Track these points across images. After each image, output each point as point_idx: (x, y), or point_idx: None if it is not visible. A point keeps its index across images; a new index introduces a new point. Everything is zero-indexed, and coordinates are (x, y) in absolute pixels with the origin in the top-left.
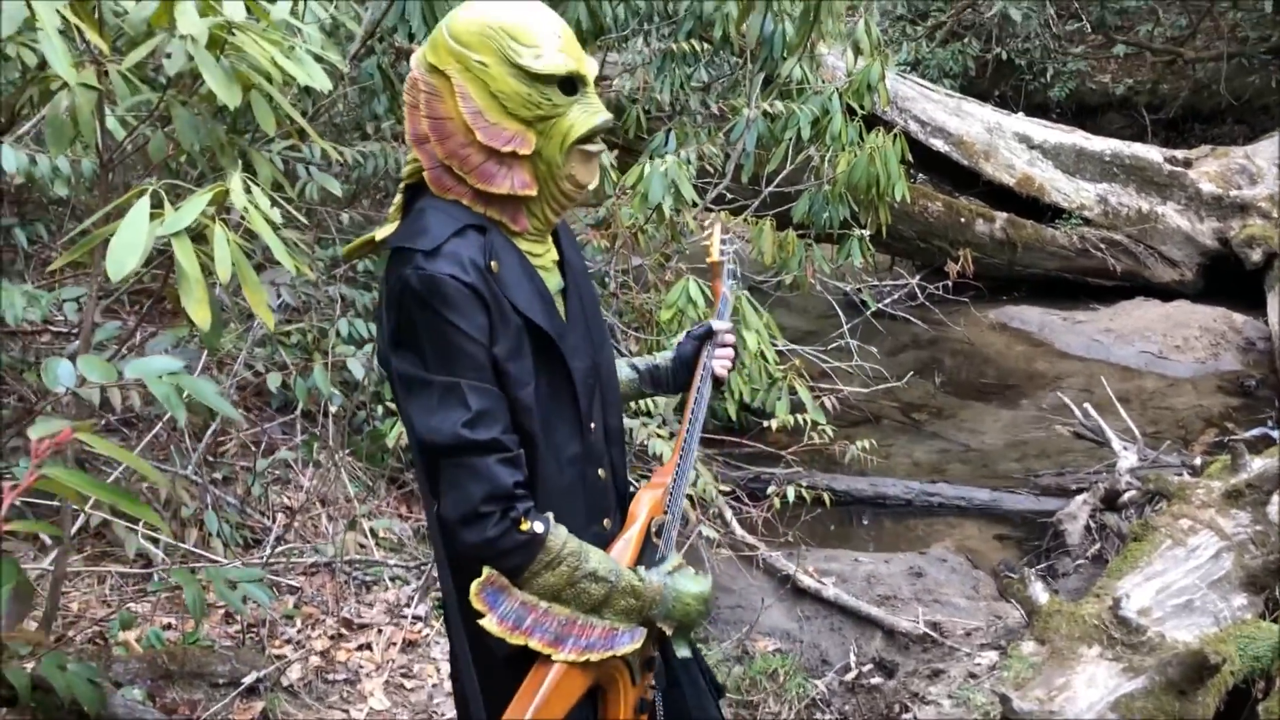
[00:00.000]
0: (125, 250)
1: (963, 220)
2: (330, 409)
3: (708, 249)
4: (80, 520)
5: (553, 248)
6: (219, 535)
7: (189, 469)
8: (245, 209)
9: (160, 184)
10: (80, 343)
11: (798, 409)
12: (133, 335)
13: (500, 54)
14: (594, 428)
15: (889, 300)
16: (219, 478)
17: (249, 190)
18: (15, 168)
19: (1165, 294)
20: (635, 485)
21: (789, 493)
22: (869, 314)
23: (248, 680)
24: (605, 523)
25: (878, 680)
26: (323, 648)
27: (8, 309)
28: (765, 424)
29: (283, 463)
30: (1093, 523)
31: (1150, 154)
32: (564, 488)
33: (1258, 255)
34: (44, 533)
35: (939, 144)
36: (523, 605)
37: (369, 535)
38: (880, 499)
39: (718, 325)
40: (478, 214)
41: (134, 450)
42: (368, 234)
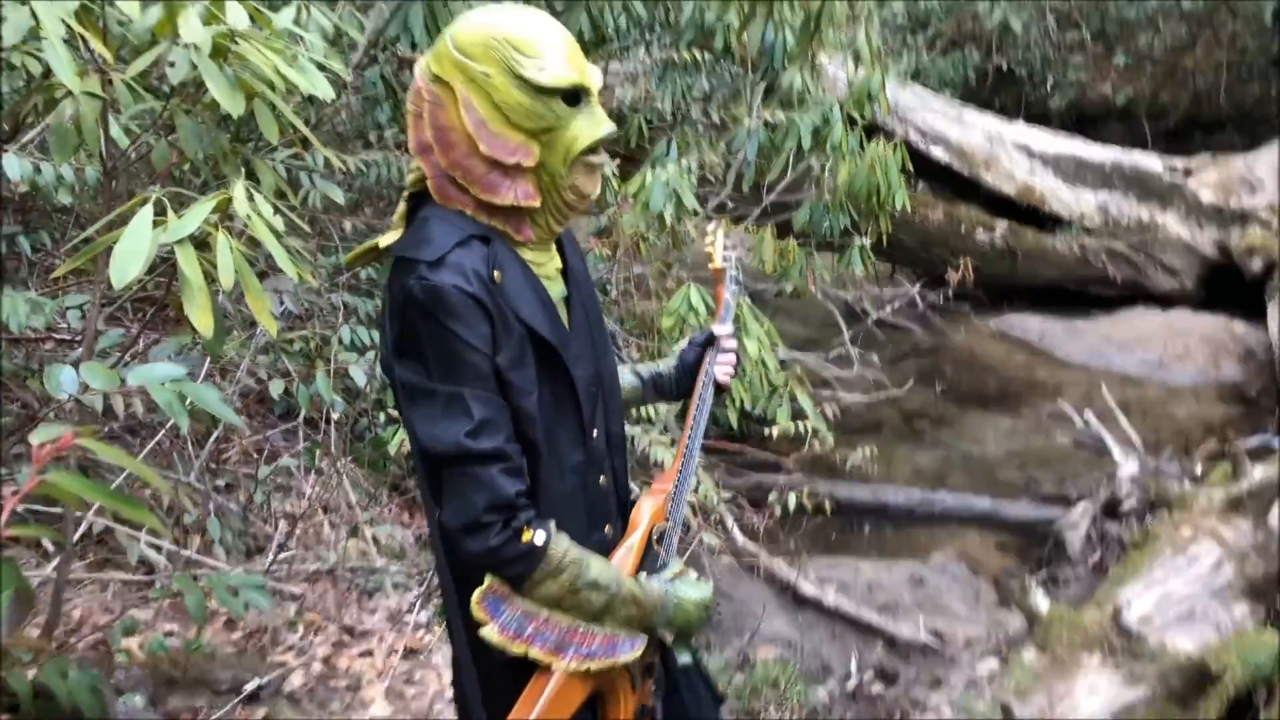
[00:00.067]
0: (128, 258)
1: (963, 229)
2: (333, 416)
3: (710, 255)
4: (83, 527)
5: (556, 256)
6: (221, 542)
7: (191, 476)
8: (248, 217)
9: (164, 192)
10: (83, 350)
11: (799, 416)
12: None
13: (504, 65)
14: (596, 435)
15: (889, 308)
16: (221, 485)
17: (252, 198)
18: (20, 175)
19: (1165, 303)
20: (637, 492)
21: (790, 500)
22: (870, 322)
23: (250, 687)
24: (606, 529)
25: (879, 688)
26: (325, 655)
27: (11, 316)
28: (767, 431)
29: (285, 470)
30: (1094, 531)
31: (1150, 163)
32: (566, 495)
33: (1258, 264)
34: (46, 538)
35: (939, 153)
36: (524, 614)
37: (371, 542)
38: (881, 507)
39: (720, 331)
40: (481, 223)
41: (137, 457)
42: (371, 241)
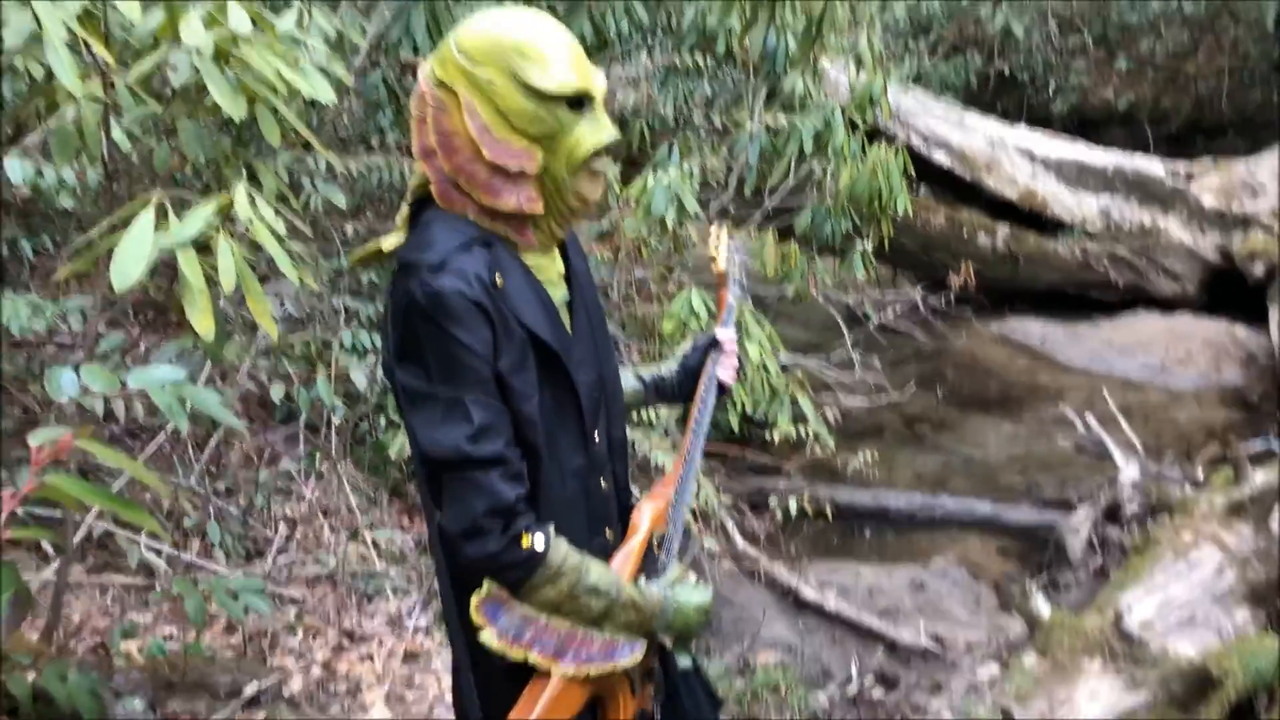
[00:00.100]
0: (130, 261)
1: (965, 233)
2: (333, 420)
3: (713, 258)
4: (83, 531)
5: (559, 259)
6: (221, 546)
7: (192, 479)
8: (250, 220)
9: (165, 195)
10: (84, 353)
11: (800, 421)
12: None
13: (508, 71)
14: (598, 439)
15: (891, 312)
16: (222, 488)
17: (253, 202)
18: (22, 179)
19: (1167, 307)
20: (637, 496)
21: (791, 505)
22: (871, 326)
23: (249, 691)
24: (607, 533)
25: (879, 693)
26: (324, 659)
27: (12, 319)
28: (767, 435)
29: (285, 473)
30: (1095, 536)
31: (1152, 168)
32: (567, 499)
33: (1260, 269)
34: (45, 539)
35: (941, 157)
36: (523, 619)
37: (371, 546)
38: (882, 511)
39: (722, 335)
40: (484, 228)
41: (137, 460)
42: (374, 243)
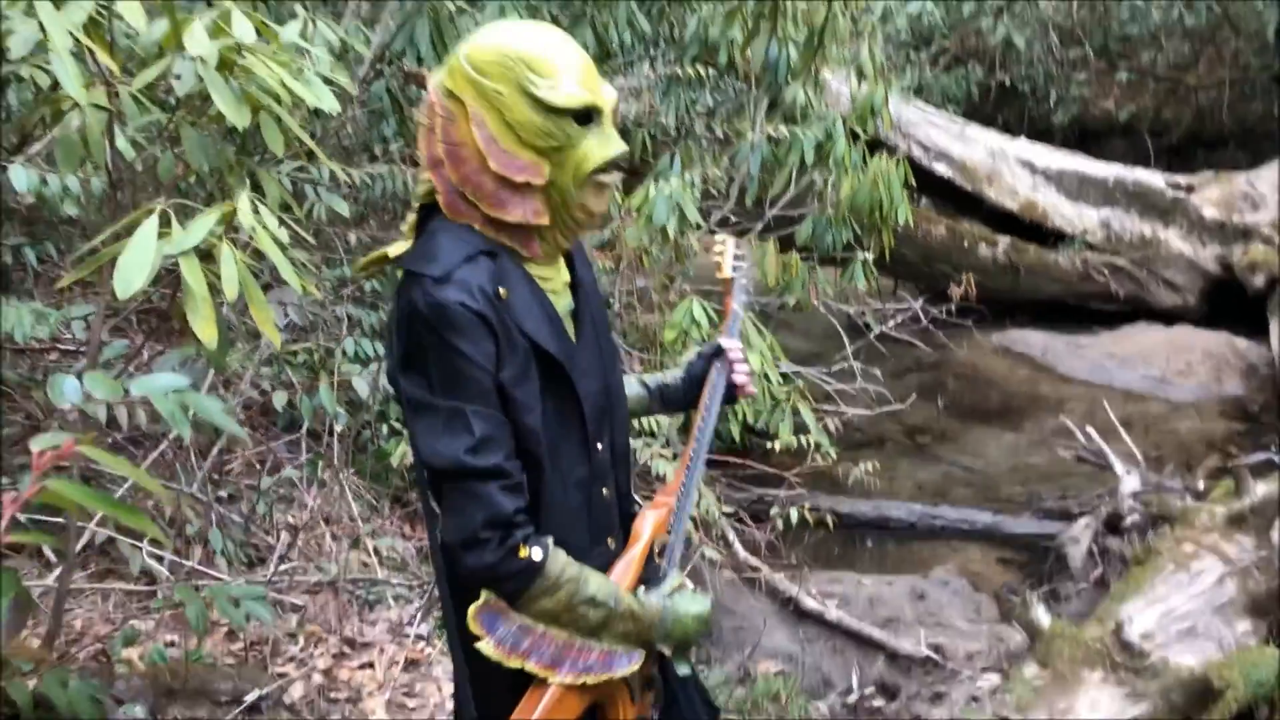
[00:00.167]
0: (133, 269)
1: (966, 244)
2: (335, 428)
3: (719, 265)
4: (85, 537)
5: (564, 269)
6: (223, 553)
7: (194, 487)
8: (253, 229)
9: (169, 204)
10: (87, 360)
11: (801, 430)
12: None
13: (516, 84)
14: (601, 448)
15: (892, 323)
16: (224, 495)
17: (257, 210)
18: (26, 187)
19: (1168, 318)
20: (639, 504)
21: (792, 514)
22: (872, 337)
23: (250, 698)
24: (609, 542)
25: (880, 703)
26: (325, 666)
27: (16, 327)
28: (769, 445)
29: (287, 481)
30: (1095, 546)
31: (1153, 179)
32: (569, 509)
33: (1260, 280)
34: (46, 545)
35: (942, 168)
36: (520, 629)
37: (372, 554)
38: (883, 521)
39: (727, 343)
40: (489, 239)
41: (139, 467)
42: (380, 250)
